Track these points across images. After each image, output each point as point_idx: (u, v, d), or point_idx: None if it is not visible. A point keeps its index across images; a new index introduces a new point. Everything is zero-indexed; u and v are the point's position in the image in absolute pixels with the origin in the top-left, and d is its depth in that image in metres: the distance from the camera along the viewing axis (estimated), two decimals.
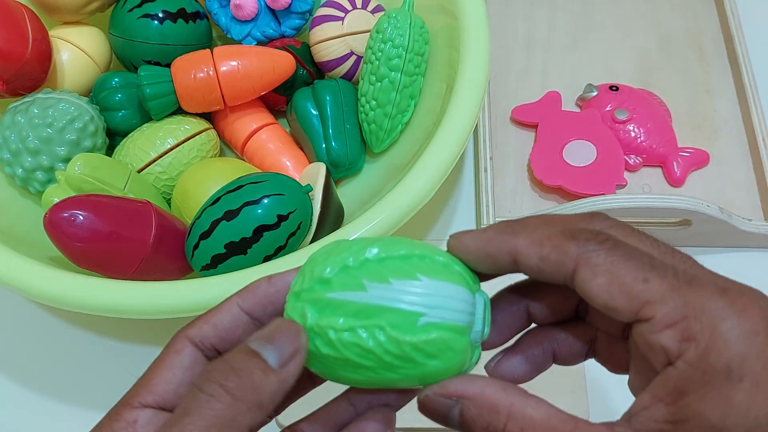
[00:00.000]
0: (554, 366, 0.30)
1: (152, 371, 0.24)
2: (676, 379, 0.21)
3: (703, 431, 0.20)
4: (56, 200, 0.40)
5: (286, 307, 0.24)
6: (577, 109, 0.58)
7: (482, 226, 0.27)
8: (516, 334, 0.28)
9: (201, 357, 0.25)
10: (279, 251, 0.41)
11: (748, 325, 0.20)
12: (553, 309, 0.27)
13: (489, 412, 0.23)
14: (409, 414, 0.44)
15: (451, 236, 0.26)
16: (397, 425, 0.44)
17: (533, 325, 0.28)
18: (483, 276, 0.26)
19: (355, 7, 0.51)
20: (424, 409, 0.24)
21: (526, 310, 0.27)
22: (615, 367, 0.27)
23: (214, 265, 0.40)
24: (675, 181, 0.53)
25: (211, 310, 0.25)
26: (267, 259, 0.41)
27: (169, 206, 0.49)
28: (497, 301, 0.28)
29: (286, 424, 0.28)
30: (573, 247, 0.22)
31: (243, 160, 0.51)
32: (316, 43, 0.51)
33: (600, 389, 0.45)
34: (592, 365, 0.49)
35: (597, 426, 0.22)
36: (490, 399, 0.23)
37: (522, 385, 0.24)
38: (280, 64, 0.49)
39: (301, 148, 0.52)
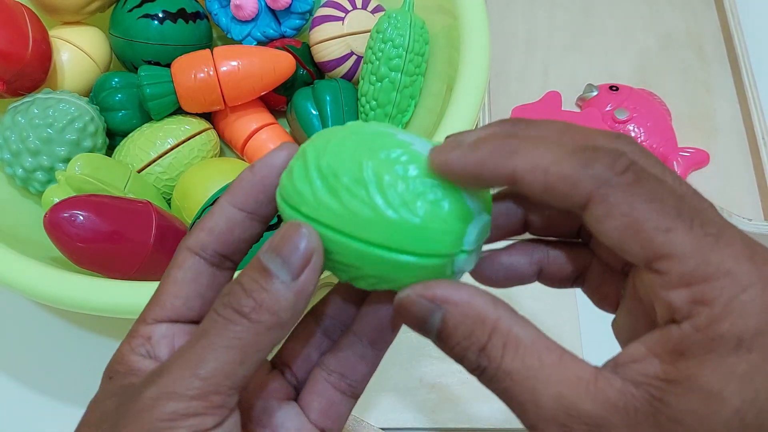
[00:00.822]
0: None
1: (161, 288, 0.24)
2: (679, 340, 0.19)
3: (698, 395, 0.18)
4: (56, 200, 0.40)
5: None
6: (578, 109, 0.58)
7: (478, 128, 0.22)
8: (509, 236, 0.26)
9: (205, 266, 0.24)
10: None
11: None
12: (552, 224, 0.25)
13: (474, 322, 0.21)
14: (409, 414, 0.45)
15: (434, 150, 0.21)
16: (400, 425, 0.45)
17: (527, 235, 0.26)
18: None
19: (355, 8, 0.51)
20: (402, 309, 0.22)
21: (524, 216, 0.25)
22: (602, 302, 0.26)
23: None
24: None
25: (205, 217, 0.24)
26: None
27: (170, 206, 0.49)
28: (495, 201, 0.25)
29: None
30: (586, 179, 0.19)
31: (243, 160, 0.51)
32: (316, 43, 0.51)
33: None
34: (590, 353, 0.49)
35: (583, 362, 0.20)
36: (477, 308, 0.21)
37: None
38: (281, 64, 0.49)
39: None
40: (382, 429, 0.44)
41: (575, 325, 0.47)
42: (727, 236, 0.19)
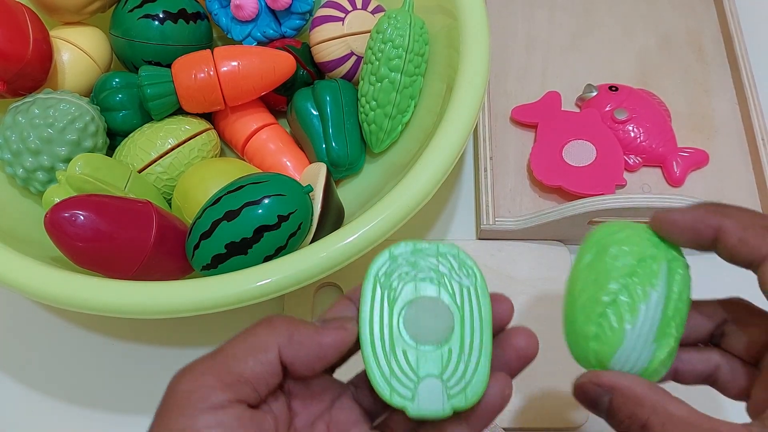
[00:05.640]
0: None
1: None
2: None
3: None
4: (57, 200, 0.40)
5: None
6: (577, 109, 0.58)
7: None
8: None
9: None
10: (279, 251, 0.41)
11: None
12: (689, 332, 0.30)
13: (634, 404, 0.26)
14: None
15: (657, 214, 0.29)
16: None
17: None
18: None
19: (355, 8, 0.51)
20: (580, 393, 0.28)
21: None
22: (735, 393, 0.30)
23: (215, 265, 0.41)
24: (674, 181, 0.53)
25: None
26: (267, 259, 0.41)
27: (170, 206, 0.49)
28: None
29: None
30: None
31: (243, 160, 0.51)
32: (317, 44, 0.51)
33: None
34: None
35: (734, 425, 0.25)
36: (637, 393, 0.26)
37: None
38: (281, 64, 0.49)
39: (302, 149, 0.52)
40: None
41: None
42: None
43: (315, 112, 0.50)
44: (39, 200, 0.46)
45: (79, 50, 0.50)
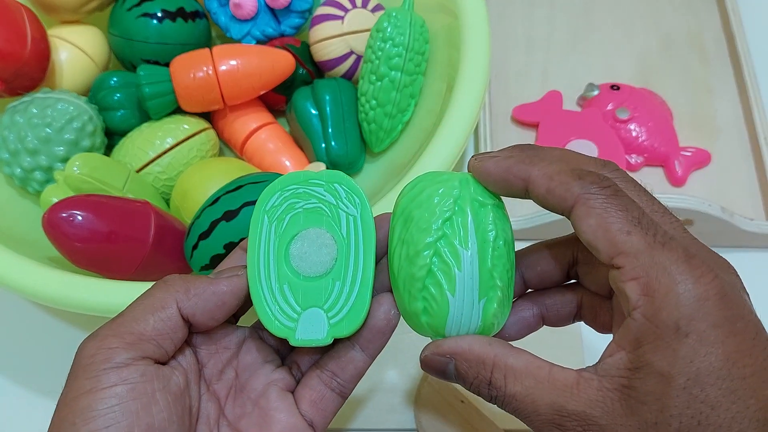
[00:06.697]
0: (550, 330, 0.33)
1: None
2: (635, 330, 0.24)
3: (654, 378, 0.23)
4: (55, 200, 0.40)
5: None
6: (578, 109, 0.57)
7: (502, 149, 0.29)
8: (517, 296, 0.32)
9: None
10: None
11: (701, 290, 0.23)
12: (543, 276, 0.31)
13: (477, 365, 0.27)
14: (409, 414, 0.45)
15: (474, 158, 0.28)
16: (400, 426, 0.44)
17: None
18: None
19: (355, 6, 0.51)
20: (426, 366, 0.29)
21: (522, 277, 0.31)
22: (601, 327, 0.31)
23: (213, 265, 0.40)
24: (676, 181, 0.53)
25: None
26: None
27: (168, 206, 0.49)
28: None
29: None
30: (577, 186, 0.25)
31: (242, 159, 0.51)
32: (316, 42, 0.51)
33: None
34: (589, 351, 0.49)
35: (568, 371, 0.25)
36: (476, 353, 0.27)
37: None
38: (280, 63, 0.49)
39: (301, 148, 0.52)
40: (381, 429, 0.44)
41: (576, 325, 0.47)
42: (673, 244, 0.24)
43: (314, 112, 0.50)
44: (37, 200, 0.46)
45: (77, 49, 0.50)
